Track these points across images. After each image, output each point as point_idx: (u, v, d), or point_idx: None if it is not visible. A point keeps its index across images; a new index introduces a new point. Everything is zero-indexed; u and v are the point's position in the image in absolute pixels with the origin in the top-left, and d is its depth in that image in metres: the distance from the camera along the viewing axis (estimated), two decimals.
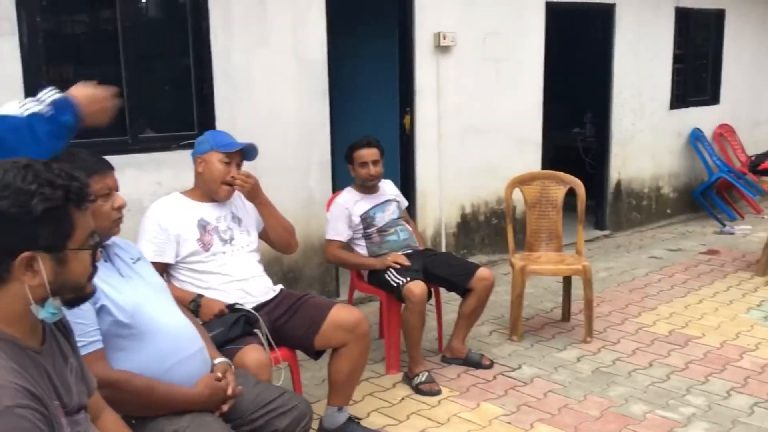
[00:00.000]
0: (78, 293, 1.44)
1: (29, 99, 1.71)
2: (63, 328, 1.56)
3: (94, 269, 1.48)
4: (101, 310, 2.00)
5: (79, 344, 1.70)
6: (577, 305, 4.56)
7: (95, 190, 2.07)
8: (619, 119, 6.83)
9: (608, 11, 6.58)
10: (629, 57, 6.76)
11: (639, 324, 4.50)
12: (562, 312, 4.62)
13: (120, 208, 2.17)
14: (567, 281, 4.53)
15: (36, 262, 1.33)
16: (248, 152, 3.05)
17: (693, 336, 4.28)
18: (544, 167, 6.09)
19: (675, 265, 5.86)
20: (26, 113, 1.64)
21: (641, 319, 4.59)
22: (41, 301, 1.37)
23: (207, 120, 4.25)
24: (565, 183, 4.45)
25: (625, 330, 4.40)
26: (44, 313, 1.39)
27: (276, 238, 3.16)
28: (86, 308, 1.89)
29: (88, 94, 1.78)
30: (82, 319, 1.91)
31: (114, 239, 2.21)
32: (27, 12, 3.56)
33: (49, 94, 1.69)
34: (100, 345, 1.97)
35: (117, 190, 2.19)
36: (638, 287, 5.29)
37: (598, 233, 6.91)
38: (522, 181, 4.50)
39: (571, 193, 4.44)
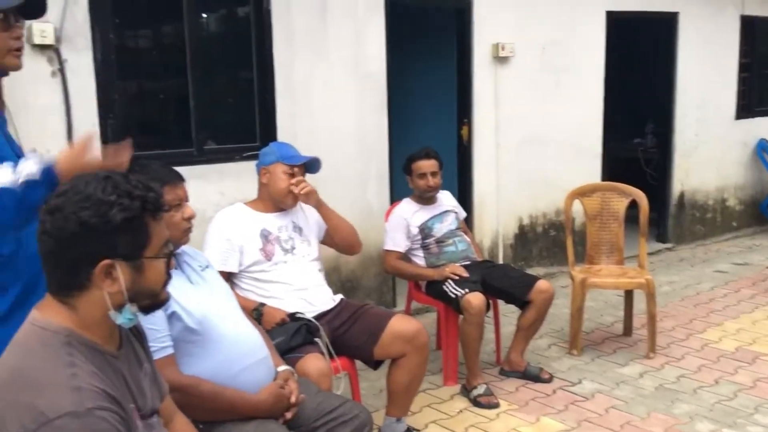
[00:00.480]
0: (153, 300, 1.49)
1: (8, 164, 1.71)
2: (138, 333, 1.62)
3: (169, 277, 1.52)
4: (172, 317, 2.06)
5: (151, 349, 1.76)
6: (638, 320, 4.47)
7: (167, 200, 2.14)
8: (682, 130, 6.68)
9: (671, 20, 6.46)
10: (693, 66, 6.61)
11: (704, 340, 4.38)
12: (624, 326, 4.53)
13: (190, 218, 2.23)
14: (629, 295, 4.44)
15: (115, 269, 1.38)
16: (312, 165, 3.11)
17: (761, 353, 4.14)
18: (603, 178, 6.00)
19: (741, 280, 5.68)
20: None
21: (706, 335, 4.46)
22: (119, 308, 1.42)
23: (269, 132, 4.35)
24: (627, 195, 4.38)
25: (690, 346, 4.29)
26: (121, 319, 1.44)
27: (341, 240, 3.21)
28: (158, 314, 1.95)
29: (74, 170, 1.65)
30: (154, 325, 1.97)
31: (183, 248, 2.28)
32: (101, 28, 3.71)
33: (25, 171, 1.67)
34: (171, 350, 2.03)
35: (187, 200, 2.27)
36: (703, 302, 5.14)
37: (661, 246, 6.75)
38: (582, 193, 4.44)
39: (632, 205, 4.37)
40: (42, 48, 3.52)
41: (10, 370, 1.31)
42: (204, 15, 4.28)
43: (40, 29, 3.43)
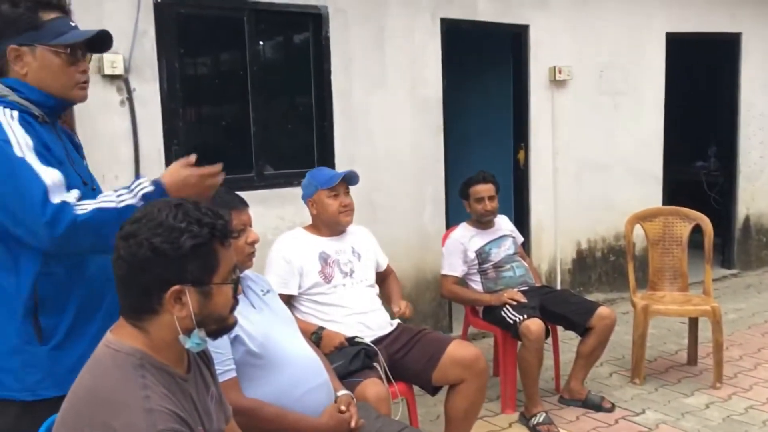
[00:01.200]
0: (221, 324, 1.51)
1: (122, 188, 1.79)
2: (205, 357, 1.65)
3: (236, 302, 1.55)
4: (235, 340, 2.10)
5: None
6: (704, 348, 4.33)
7: (233, 226, 2.19)
8: (746, 152, 6.49)
9: (734, 41, 6.32)
10: (757, 88, 6.44)
11: None
12: (688, 355, 4.39)
13: (253, 243, 2.28)
14: (693, 323, 4.31)
15: (184, 295, 1.41)
16: (350, 179, 3.13)
17: None
18: (664, 202, 5.87)
19: None
20: (121, 205, 1.74)
21: None
22: (187, 332, 1.45)
23: (326, 156, 4.41)
24: (690, 219, 4.27)
25: (758, 376, 4.13)
26: (190, 343, 1.47)
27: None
28: (222, 338, 1.98)
29: (178, 181, 1.82)
30: (218, 348, 2.01)
31: (246, 272, 2.33)
32: (167, 59, 3.84)
33: (140, 187, 1.76)
34: (234, 374, 2.07)
35: (251, 225, 2.31)
36: None
37: (726, 272, 6.55)
38: (644, 217, 4.35)
39: (695, 230, 4.25)
40: (112, 78, 3.66)
41: (86, 389, 1.35)
42: (264, 43, 4.39)
43: (111, 60, 3.57)
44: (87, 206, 1.70)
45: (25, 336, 1.79)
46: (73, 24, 1.88)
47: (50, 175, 1.69)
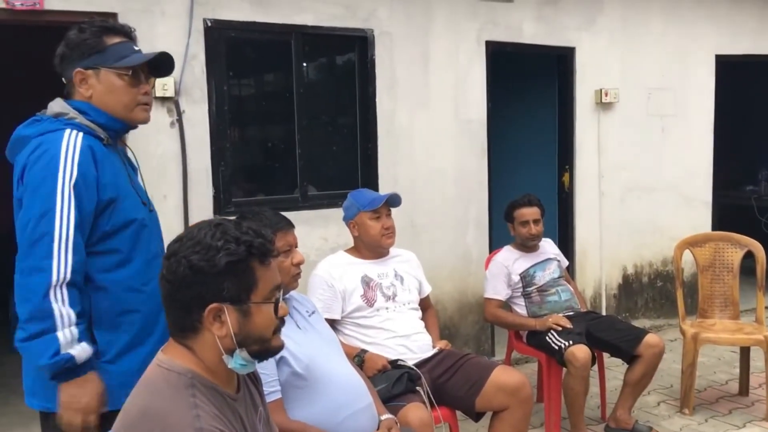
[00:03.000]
0: (263, 345, 1.49)
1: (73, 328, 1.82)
2: (254, 377, 1.66)
3: (281, 323, 1.53)
4: (280, 361, 2.11)
5: None
6: (755, 378, 4.20)
7: (278, 246, 2.21)
8: None
9: None
10: None
11: None
12: (740, 385, 4.25)
13: (299, 264, 2.29)
14: (745, 352, 4.18)
15: (223, 313, 1.42)
16: (393, 200, 3.12)
17: None
18: (713, 227, 5.73)
19: None
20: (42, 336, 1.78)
21: None
22: (230, 352, 1.45)
23: (370, 178, 4.43)
24: (741, 245, 4.16)
25: None
26: (233, 363, 1.46)
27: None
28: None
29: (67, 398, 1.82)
30: (264, 369, 2.02)
31: (291, 293, 2.34)
32: (216, 81, 3.92)
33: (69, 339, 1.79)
34: (279, 395, 2.07)
35: (296, 246, 2.33)
36: None
37: None
38: (693, 243, 4.26)
39: (747, 256, 4.14)
40: (163, 100, 3.75)
41: (138, 408, 1.37)
42: (310, 65, 4.45)
43: (162, 83, 3.66)
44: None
45: None
46: (136, 48, 1.95)
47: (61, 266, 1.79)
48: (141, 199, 1.96)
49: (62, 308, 1.75)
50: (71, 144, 1.80)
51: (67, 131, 1.82)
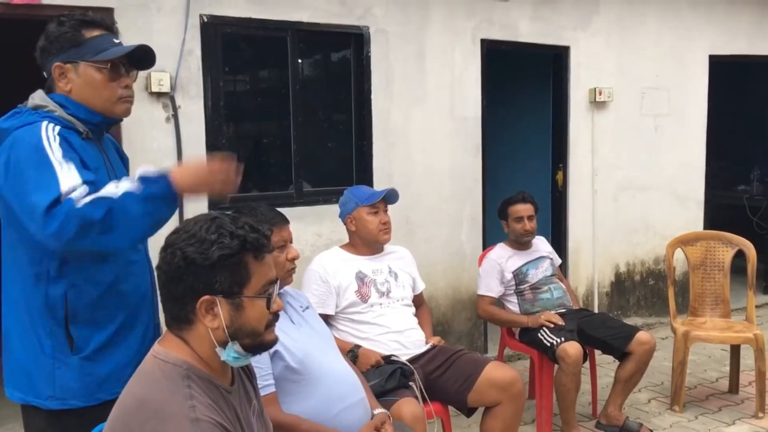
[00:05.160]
0: (255, 339, 1.50)
1: (125, 178, 1.81)
2: (248, 371, 1.67)
3: (275, 317, 1.55)
4: (274, 356, 2.13)
5: None
6: (746, 376, 4.24)
7: (273, 242, 2.22)
8: None
9: None
10: None
11: None
12: (730, 383, 4.29)
13: (294, 259, 2.31)
14: (735, 350, 4.22)
15: (215, 305, 1.44)
16: (390, 197, 3.15)
17: None
18: (706, 226, 5.77)
19: None
20: (119, 192, 1.72)
21: None
22: (223, 344, 1.47)
23: (365, 175, 4.45)
24: (733, 244, 4.20)
25: None
26: (225, 356, 1.48)
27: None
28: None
29: (187, 172, 1.78)
30: (258, 363, 2.03)
31: (286, 288, 2.36)
32: (212, 77, 3.93)
33: (141, 171, 1.75)
34: (273, 389, 2.09)
35: (291, 242, 2.35)
36: None
37: None
38: (685, 241, 4.29)
39: (738, 255, 4.18)
40: (159, 95, 3.75)
41: (135, 398, 1.39)
42: (306, 61, 4.46)
43: (158, 78, 3.67)
44: (86, 198, 1.69)
45: (57, 345, 1.84)
46: (116, 41, 1.93)
47: (67, 179, 1.71)
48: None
49: (86, 198, 1.69)
50: (50, 133, 1.78)
51: (44, 123, 1.79)
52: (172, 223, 1.61)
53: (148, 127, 3.70)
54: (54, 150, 1.75)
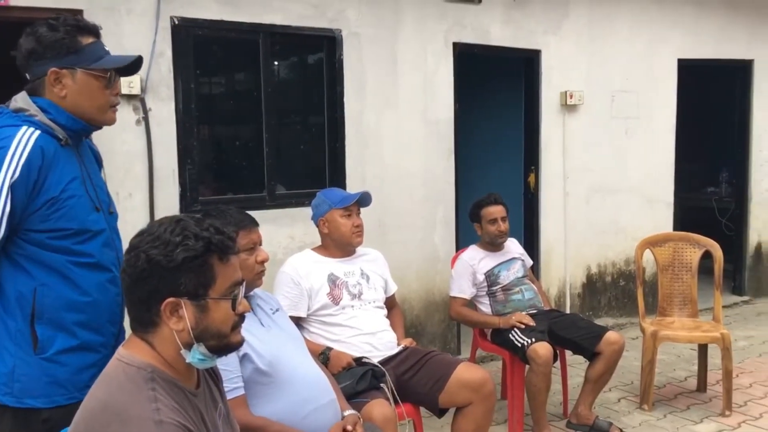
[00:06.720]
0: (221, 341, 1.50)
1: None
2: (213, 374, 1.67)
3: (241, 319, 1.55)
4: (244, 358, 2.12)
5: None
6: (713, 375, 4.31)
7: (242, 244, 2.23)
8: (758, 179, 6.49)
9: (746, 67, 6.34)
10: None
11: None
12: (698, 382, 4.36)
13: (263, 262, 2.31)
14: (703, 349, 4.29)
15: (180, 307, 1.44)
16: (363, 200, 3.16)
17: None
18: (675, 228, 5.86)
19: None
20: None
21: None
22: (188, 347, 1.47)
23: (338, 177, 4.45)
24: (700, 245, 4.27)
25: None
26: (191, 358, 1.48)
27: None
28: (230, 356, 1.99)
29: None
30: (226, 366, 2.03)
31: (256, 290, 2.36)
32: (183, 79, 3.91)
33: None
34: (242, 391, 2.09)
35: (260, 244, 2.35)
36: None
37: (737, 299, 6.51)
38: (654, 243, 4.36)
39: (706, 256, 4.25)
40: (129, 98, 3.72)
41: (99, 401, 1.38)
42: (278, 64, 4.45)
43: (129, 80, 3.63)
44: None
45: (22, 341, 1.83)
46: (106, 48, 1.95)
47: None
48: (94, 204, 1.94)
49: None
50: (23, 142, 1.78)
51: (23, 128, 1.80)
52: (138, 226, 1.60)
53: (118, 130, 3.66)
54: (10, 170, 1.76)
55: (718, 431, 3.76)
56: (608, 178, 5.67)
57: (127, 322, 1.61)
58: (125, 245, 1.51)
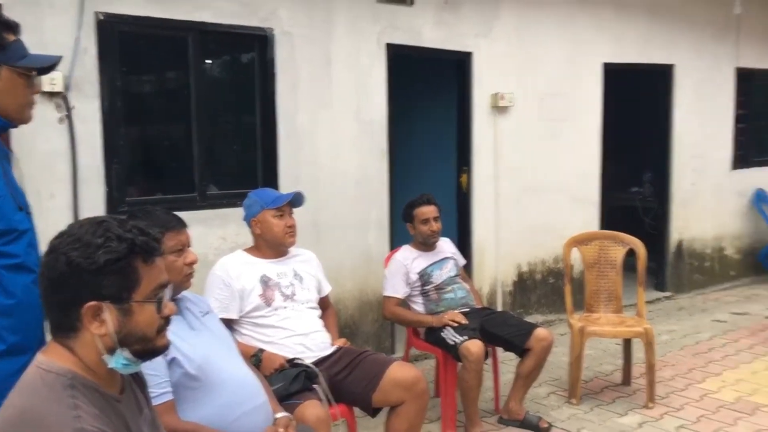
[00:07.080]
0: (146, 345, 1.47)
1: None
2: (138, 379, 1.63)
3: (166, 322, 1.51)
4: (172, 363, 2.08)
5: (150, 395, 1.76)
6: (637, 368, 4.46)
7: (169, 246, 2.18)
8: (679, 180, 6.76)
9: (667, 72, 6.60)
10: (689, 117, 6.73)
11: (703, 390, 4.36)
12: (623, 375, 4.51)
13: (192, 264, 2.27)
14: (627, 344, 4.44)
15: (102, 311, 1.39)
16: (297, 200, 3.15)
17: (762, 404, 4.12)
18: (602, 227, 6.05)
19: (740, 330, 5.68)
20: None
21: (706, 385, 4.44)
22: (111, 351, 1.42)
23: (271, 177, 4.41)
24: (624, 243, 4.41)
25: (689, 396, 4.27)
26: (114, 363, 1.43)
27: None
28: (158, 360, 1.97)
29: None
30: (154, 371, 1.99)
31: (185, 293, 2.31)
32: (109, 77, 3.79)
33: None
34: (170, 396, 2.04)
35: (189, 246, 2.30)
36: (702, 351, 5.13)
37: (659, 295, 6.76)
38: (580, 241, 4.48)
39: (630, 254, 4.40)
40: (51, 95, 3.59)
41: (16, 410, 1.32)
42: (209, 63, 4.38)
43: (50, 77, 3.50)
44: None
45: None
46: (27, 47, 1.90)
47: None
48: (18, 203, 1.88)
49: None
50: None
51: None
52: (61, 227, 1.54)
53: (40, 128, 3.53)
54: None
55: (642, 423, 3.89)
56: (538, 179, 5.81)
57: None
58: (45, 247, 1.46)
